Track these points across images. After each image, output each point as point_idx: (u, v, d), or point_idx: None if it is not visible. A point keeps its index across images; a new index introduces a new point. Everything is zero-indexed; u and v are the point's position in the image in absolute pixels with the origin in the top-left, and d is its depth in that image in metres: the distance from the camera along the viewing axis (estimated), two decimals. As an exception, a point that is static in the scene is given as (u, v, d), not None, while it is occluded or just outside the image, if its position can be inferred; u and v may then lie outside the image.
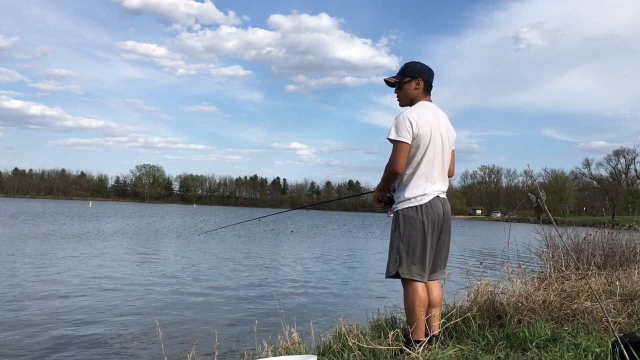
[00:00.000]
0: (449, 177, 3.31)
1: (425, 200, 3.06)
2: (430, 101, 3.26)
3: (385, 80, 3.32)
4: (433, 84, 3.28)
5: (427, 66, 3.27)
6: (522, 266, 4.95)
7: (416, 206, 3.06)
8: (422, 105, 3.17)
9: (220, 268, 13.62)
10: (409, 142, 3.04)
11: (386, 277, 3.15)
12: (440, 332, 3.23)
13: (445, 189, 3.19)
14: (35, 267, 12.27)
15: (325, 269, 14.50)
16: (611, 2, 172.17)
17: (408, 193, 3.09)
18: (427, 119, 3.09)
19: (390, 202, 3.29)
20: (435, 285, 3.20)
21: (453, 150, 3.32)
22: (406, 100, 3.25)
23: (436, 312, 3.16)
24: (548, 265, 5.72)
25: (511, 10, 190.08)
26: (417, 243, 3.04)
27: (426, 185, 3.08)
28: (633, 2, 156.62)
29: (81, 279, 10.81)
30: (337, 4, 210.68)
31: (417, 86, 3.20)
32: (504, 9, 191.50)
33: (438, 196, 3.11)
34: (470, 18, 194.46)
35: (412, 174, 3.10)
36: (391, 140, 3.06)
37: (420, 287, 3.04)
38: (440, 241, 3.14)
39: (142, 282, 10.83)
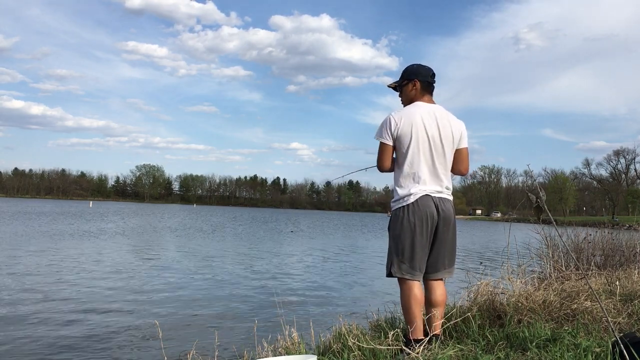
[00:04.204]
0: (459, 175, 3.37)
1: (412, 199, 3.09)
2: (431, 101, 3.27)
3: (389, 86, 3.43)
4: (434, 84, 3.31)
5: (424, 66, 3.31)
6: (522, 266, 4.95)
7: (403, 206, 3.11)
8: (414, 106, 3.22)
9: (220, 268, 13.62)
10: (389, 142, 3.17)
11: (386, 276, 3.22)
12: (440, 332, 3.23)
13: (441, 188, 3.16)
14: (35, 266, 12.26)
15: (325, 269, 14.50)
16: (610, 3, 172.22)
17: (396, 194, 3.18)
18: (411, 120, 3.12)
19: None
20: (438, 285, 3.20)
21: (465, 149, 3.31)
22: (407, 102, 3.32)
23: (437, 312, 3.16)
24: (548, 265, 5.72)
25: (509, 12, 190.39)
26: (405, 242, 3.08)
27: (412, 185, 3.12)
28: (632, 2, 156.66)
29: (81, 279, 10.81)
30: (337, 5, 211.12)
31: (414, 87, 3.27)
32: (501, 10, 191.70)
33: (429, 195, 3.11)
34: (468, 19, 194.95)
35: (399, 175, 3.18)
36: (376, 140, 3.25)
37: (415, 285, 3.07)
38: (440, 240, 3.14)
39: (141, 282, 10.83)
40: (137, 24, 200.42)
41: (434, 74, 3.30)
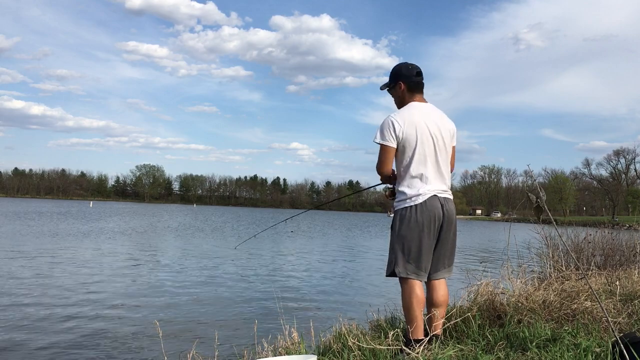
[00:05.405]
0: None
1: (420, 200, 3.08)
2: (423, 100, 3.27)
3: (382, 89, 3.43)
4: (424, 82, 3.28)
5: (408, 66, 3.27)
6: (522, 266, 4.95)
7: (411, 206, 3.09)
8: (410, 107, 3.21)
9: (220, 268, 13.62)
10: (393, 145, 3.13)
11: (386, 276, 3.19)
12: (440, 332, 3.23)
13: (446, 187, 3.19)
14: (36, 266, 12.26)
15: (325, 269, 14.50)
16: (610, 3, 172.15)
17: (403, 194, 3.15)
18: (413, 121, 3.11)
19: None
20: (441, 285, 3.20)
21: (454, 147, 3.31)
22: (399, 104, 3.32)
23: (439, 312, 3.16)
24: (548, 265, 5.72)
25: (508, 12, 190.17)
26: (412, 242, 3.07)
27: (420, 185, 3.11)
28: (632, 2, 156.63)
29: (82, 279, 10.81)
30: (338, 5, 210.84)
31: (401, 89, 3.27)
32: (500, 10, 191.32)
33: (436, 195, 3.11)
34: (468, 19, 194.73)
35: (406, 175, 3.15)
36: (377, 143, 3.16)
37: (417, 285, 3.07)
38: (442, 240, 3.14)
39: (141, 282, 10.83)
40: (138, 24, 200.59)
41: (418, 72, 3.25)
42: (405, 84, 3.24)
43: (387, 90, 3.38)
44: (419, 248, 3.06)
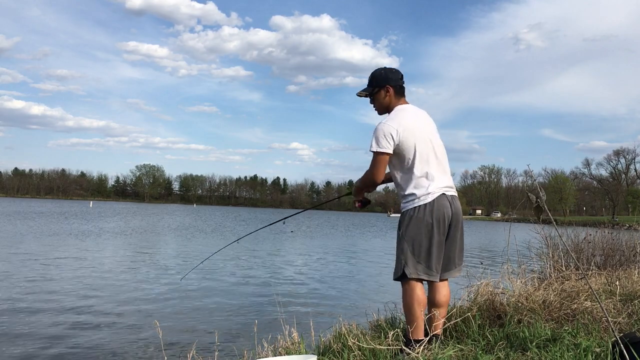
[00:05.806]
0: None
1: (429, 199, 3.06)
2: (406, 102, 3.28)
3: (359, 95, 3.34)
4: (405, 84, 3.30)
5: (392, 70, 3.28)
6: (522, 266, 4.95)
7: (420, 205, 3.06)
8: (400, 110, 3.19)
9: (220, 268, 13.62)
10: (390, 151, 3.07)
11: (394, 279, 3.14)
12: (441, 331, 3.23)
13: (450, 183, 3.18)
14: (35, 267, 12.26)
15: (325, 269, 14.50)
16: (609, 3, 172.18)
17: (412, 195, 3.11)
18: (407, 124, 3.10)
19: (367, 202, 3.45)
20: (443, 286, 3.18)
21: None
22: (382, 109, 3.30)
23: (440, 312, 3.16)
24: (548, 265, 5.72)
25: (508, 12, 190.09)
26: (422, 242, 3.04)
27: (428, 184, 3.08)
28: (632, 2, 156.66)
29: (81, 279, 10.81)
30: (338, 5, 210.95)
31: (387, 93, 3.24)
32: (500, 10, 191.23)
33: (444, 194, 3.10)
34: (468, 19, 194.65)
35: (411, 176, 3.11)
36: (373, 152, 3.09)
37: (418, 286, 3.05)
38: (451, 238, 3.13)
39: (141, 282, 10.83)
40: (138, 24, 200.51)
41: (402, 76, 3.28)
42: (393, 87, 3.23)
43: (367, 96, 3.30)
44: (429, 248, 3.04)
